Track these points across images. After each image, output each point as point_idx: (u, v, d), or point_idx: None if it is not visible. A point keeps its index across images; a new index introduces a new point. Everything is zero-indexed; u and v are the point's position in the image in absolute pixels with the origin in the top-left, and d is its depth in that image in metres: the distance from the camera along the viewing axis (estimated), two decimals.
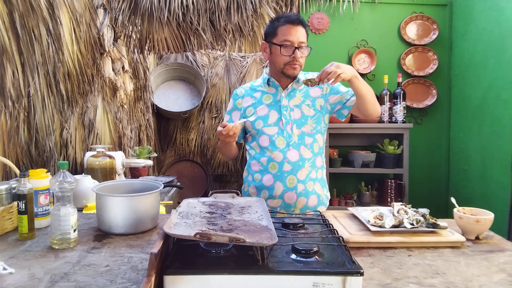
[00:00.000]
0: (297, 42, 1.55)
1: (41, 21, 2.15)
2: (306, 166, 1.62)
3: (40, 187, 1.29)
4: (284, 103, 1.65)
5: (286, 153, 1.60)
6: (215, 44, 3.02)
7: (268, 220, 0.99)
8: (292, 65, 1.57)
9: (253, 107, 1.68)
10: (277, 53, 1.58)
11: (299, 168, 1.61)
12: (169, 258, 0.86)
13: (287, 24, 1.55)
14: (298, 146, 1.62)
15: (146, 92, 3.30)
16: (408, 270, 1.01)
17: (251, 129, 1.67)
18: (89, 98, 2.45)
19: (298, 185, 1.60)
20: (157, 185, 1.38)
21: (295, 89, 1.68)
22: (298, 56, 1.56)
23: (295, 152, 1.61)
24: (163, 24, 2.85)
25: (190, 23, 2.84)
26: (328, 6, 3.15)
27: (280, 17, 1.59)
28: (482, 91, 2.71)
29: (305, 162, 1.62)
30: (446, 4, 3.14)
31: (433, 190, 3.21)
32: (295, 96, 1.66)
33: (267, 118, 1.65)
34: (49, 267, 1.00)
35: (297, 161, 1.60)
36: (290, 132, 1.62)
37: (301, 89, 1.68)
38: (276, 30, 1.57)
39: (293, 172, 1.60)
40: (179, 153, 4.53)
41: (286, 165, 1.60)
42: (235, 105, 1.74)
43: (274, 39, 1.58)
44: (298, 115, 1.64)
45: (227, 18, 2.87)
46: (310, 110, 1.65)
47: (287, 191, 1.61)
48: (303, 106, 1.65)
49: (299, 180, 1.60)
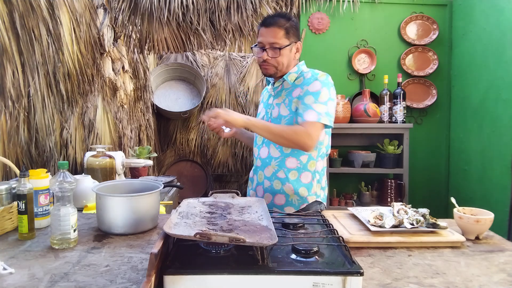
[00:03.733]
0: (267, 43, 1.56)
1: (41, 21, 2.15)
2: (273, 164, 1.63)
3: (40, 187, 1.29)
4: (270, 101, 1.71)
5: (260, 150, 1.70)
6: (215, 44, 3.02)
7: (268, 220, 0.99)
8: (262, 65, 1.62)
9: (261, 105, 1.82)
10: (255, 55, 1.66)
11: (266, 165, 1.67)
12: (169, 258, 0.86)
13: (261, 26, 1.60)
14: (269, 144, 1.66)
15: (146, 92, 3.30)
16: (408, 270, 1.01)
17: None
18: (89, 98, 2.45)
19: (265, 181, 1.68)
20: (157, 185, 1.38)
21: (283, 88, 1.66)
22: (265, 57, 1.58)
23: (265, 150, 1.68)
24: (163, 24, 2.85)
25: (190, 23, 2.84)
26: (328, 6, 3.15)
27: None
28: (482, 91, 2.71)
29: (272, 160, 1.63)
30: (446, 4, 3.14)
31: (433, 190, 3.21)
32: (280, 95, 1.66)
33: (259, 115, 1.77)
34: (49, 267, 1.00)
35: (265, 158, 1.67)
36: None
37: (288, 87, 1.64)
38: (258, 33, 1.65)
39: (262, 168, 1.68)
40: (179, 153, 4.53)
41: (258, 161, 1.70)
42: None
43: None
44: (275, 113, 1.65)
45: (227, 18, 2.87)
46: (286, 110, 1.61)
47: (258, 185, 1.72)
48: (281, 105, 1.63)
49: (265, 176, 1.67)
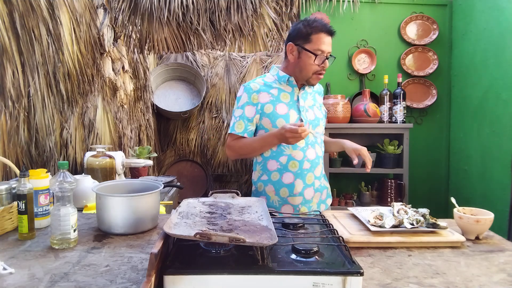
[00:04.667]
0: (327, 52, 1.60)
1: (41, 21, 2.15)
2: (320, 163, 1.72)
3: (40, 187, 1.29)
4: (301, 104, 1.68)
5: (306, 152, 1.66)
6: (215, 44, 3.02)
7: (268, 220, 0.99)
8: (319, 75, 1.62)
9: (271, 104, 1.64)
10: (307, 60, 1.59)
11: (316, 165, 1.69)
12: (169, 258, 0.86)
13: (322, 33, 1.57)
14: (314, 145, 1.69)
15: (146, 92, 3.30)
16: (408, 270, 1.01)
17: (270, 127, 1.63)
18: (89, 98, 2.45)
19: (315, 181, 1.69)
20: (157, 185, 1.38)
21: (306, 92, 1.74)
22: (327, 65, 1.61)
23: (312, 151, 1.68)
24: (163, 24, 2.85)
25: (190, 23, 2.84)
26: (328, 6, 3.15)
27: (313, 22, 1.60)
28: (482, 91, 2.71)
29: (320, 159, 1.72)
30: (446, 4, 3.14)
31: (433, 190, 3.21)
32: (307, 98, 1.73)
33: (288, 117, 1.63)
34: (49, 267, 1.00)
35: (314, 159, 1.68)
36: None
37: (310, 92, 1.75)
38: (309, 36, 1.58)
39: (311, 169, 1.67)
40: (179, 153, 4.53)
41: (306, 163, 1.66)
42: (250, 99, 1.66)
43: (306, 44, 1.58)
44: (312, 116, 1.69)
45: (227, 18, 2.87)
46: (320, 113, 1.74)
47: (307, 188, 1.67)
48: (314, 108, 1.73)
49: (316, 176, 1.69)
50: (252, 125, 1.66)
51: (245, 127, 1.65)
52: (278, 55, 4.46)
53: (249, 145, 1.65)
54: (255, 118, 1.65)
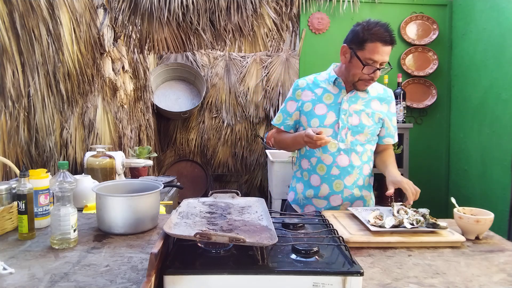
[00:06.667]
0: (380, 62, 1.49)
1: (41, 21, 2.15)
2: (355, 173, 1.60)
3: (40, 187, 1.29)
4: (344, 107, 1.59)
5: (336, 157, 1.58)
6: (215, 44, 3.02)
7: (268, 220, 0.99)
8: (367, 82, 1.54)
9: (311, 103, 1.62)
10: (357, 65, 1.51)
11: (347, 173, 1.59)
12: (169, 258, 0.86)
13: (378, 43, 1.46)
14: (349, 152, 1.59)
15: (146, 92, 3.30)
16: (408, 270, 1.01)
17: (306, 125, 1.63)
18: (89, 98, 2.45)
19: (344, 190, 1.60)
20: (157, 185, 1.38)
21: (358, 96, 1.62)
22: (377, 76, 1.53)
23: (346, 158, 1.59)
24: (163, 24, 2.85)
25: (190, 23, 2.84)
26: (328, 6, 3.14)
27: (373, 27, 1.47)
28: (482, 91, 2.71)
29: (354, 169, 1.60)
30: (446, 4, 3.14)
31: (433, 190, 3.21)
32: (357, 102, 1.61)
33: (324, 118, 1.59)
34: (49, 267, 1.00)
35: (346, 166, 1.59)
36: (344, 137, 1.58)
37: (364, 97, 1.62)
38: (364, 43, 1.48)
39: (341, 177, 1.59)
40: (179, 153, 4.54)
41: (335, 169, 1.59)
42: (294, 95, 1.68)
43: (358, 51, 1.50)
44: (356, 121, 1.59)
45: (227, 18, 2.87)
46: (369, 120, 1.60)
47: (333, 194, 1.61)
48: (362, 114, 1.60)
49: (346, 185, 1.60)
50: (290, 119, 1.68)
51: (282, 120, 1.70)
52: (278, 55, 4.47)
53: (284, 140, 1.69)
54: (294, 114, 1.67)
